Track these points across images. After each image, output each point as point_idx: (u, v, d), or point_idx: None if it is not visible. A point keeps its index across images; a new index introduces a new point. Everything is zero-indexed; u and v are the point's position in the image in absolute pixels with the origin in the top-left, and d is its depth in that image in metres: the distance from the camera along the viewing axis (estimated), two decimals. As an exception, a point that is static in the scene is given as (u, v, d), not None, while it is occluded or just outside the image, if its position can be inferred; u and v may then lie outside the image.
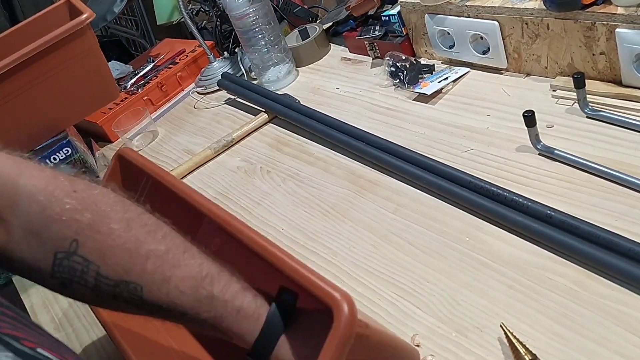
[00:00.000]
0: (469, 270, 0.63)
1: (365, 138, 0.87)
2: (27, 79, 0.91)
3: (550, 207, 0.62)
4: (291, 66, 1.18)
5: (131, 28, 2.17)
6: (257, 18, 1.11)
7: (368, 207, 0.78)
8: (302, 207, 0.84)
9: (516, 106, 0.82)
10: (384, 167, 0.82)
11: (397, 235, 0.72)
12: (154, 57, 1.46)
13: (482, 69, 0.94)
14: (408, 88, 0.96)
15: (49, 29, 0.92)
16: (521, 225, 0.63)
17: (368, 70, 1.10)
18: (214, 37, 1.39)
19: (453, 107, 0.89)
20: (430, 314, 0.60)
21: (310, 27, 1.25)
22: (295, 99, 1.06)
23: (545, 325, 0.55)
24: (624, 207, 0.62)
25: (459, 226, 0.69)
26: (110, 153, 1.24)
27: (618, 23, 0.70)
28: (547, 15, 0.78)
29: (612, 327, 0.52)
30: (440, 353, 0.56)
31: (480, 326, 0.57)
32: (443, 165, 0.75)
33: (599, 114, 0.74)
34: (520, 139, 0.76)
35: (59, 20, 1.02)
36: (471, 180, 0.70)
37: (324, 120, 0.95)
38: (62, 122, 1.00)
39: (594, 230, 0.58)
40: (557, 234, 0.60)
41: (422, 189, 0.76)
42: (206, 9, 1.43)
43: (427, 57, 1.04)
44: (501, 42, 0.87)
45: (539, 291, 0.58)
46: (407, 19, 1.01)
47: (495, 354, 0.54)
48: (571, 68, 0.80)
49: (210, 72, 1.30)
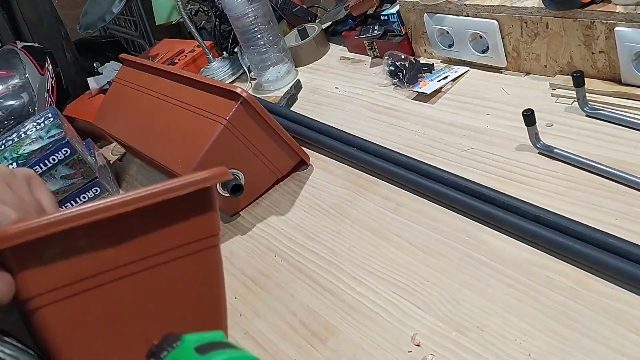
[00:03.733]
0: (469, 270, 0.63)
1: (357, 144, 0.86)
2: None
3: (541, 208, 0.63)
4: (290, 66, 1.18)
5: (130, 28, 2.17)
6: (256, 18, 1.11)
7: (368, 206, 0.78)
8: (302, 207, 0.84)
9: (515, 105, 0.82)
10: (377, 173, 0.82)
11: (396, 234, 0.72)
12: (153, 57, 1.46)
13: (481, 67, 0.94)
14: (407, 87, 0.96)
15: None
16: (515, 226, 0.63)
17: (367, 70, 1.10)
18: (213, 37, 1.39)
19: (452, 106, 0.89)
20: (430, 313, 0.60)
21: (309, 27, 1.25)
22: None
23: (545, 324, 0.54)
24: (624, 206, 0.62)
25: (458, 225, 0.69)
26: (109, 153, 1.24)
27: (617, 21, 0.70)
28: (546, 14, 0.78)
29: (612, 325, 0.52)
30: (441, 352, 0.56)
31: (481, 325, 0.57)
32: (437, 169, 0.74)
33: (598, 112, 0.74)
34: (519, 137, 0.76)
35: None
36: (466, 184, 0.70)
37: (314, 126, 0.95)
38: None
39: (586, 230, 0.58)
40: (551, 235, 0.60)
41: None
42: (205, 9, 1.43)
43: (426, 56, 1.04)
44: (500, 41, 0.87)
45: (539, 290, 0.58)
46: (406, 18, 1.01)
47: (495, 353, 0.54)
48: (570, 67, 0.80)
49: (210, 72, 1.30)
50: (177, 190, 0.36)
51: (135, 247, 0.36)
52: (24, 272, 0.32)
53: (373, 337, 0.61)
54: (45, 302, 0.33)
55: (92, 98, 1.36)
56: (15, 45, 1.40)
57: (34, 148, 0.99)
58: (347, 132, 0.90)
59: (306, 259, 0.74)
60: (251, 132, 0.83)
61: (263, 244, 0.80)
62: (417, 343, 0.58)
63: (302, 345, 0.63)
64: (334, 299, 0.67)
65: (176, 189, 0.36)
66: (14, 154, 0.99)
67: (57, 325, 0.34)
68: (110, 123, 1.08)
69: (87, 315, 0.35)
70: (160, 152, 0.90)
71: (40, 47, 1.46)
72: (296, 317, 0.67)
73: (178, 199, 0.36)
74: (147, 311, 0.37)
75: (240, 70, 1.29)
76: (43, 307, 0.33)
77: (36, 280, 0.33)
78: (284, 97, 1.10)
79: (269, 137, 0.85)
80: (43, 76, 1.36)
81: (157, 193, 0.35)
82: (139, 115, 1.00)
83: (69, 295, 0.34)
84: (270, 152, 0.86)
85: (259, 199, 0.89)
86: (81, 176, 0.98)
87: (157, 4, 1.51)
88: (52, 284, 0.33)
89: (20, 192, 0.38)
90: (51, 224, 0.32)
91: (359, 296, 0.66)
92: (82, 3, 1.49)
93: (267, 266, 0.76)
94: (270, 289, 0.72)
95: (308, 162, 0.91)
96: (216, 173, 0.38)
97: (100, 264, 0.35)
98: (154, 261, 0.37)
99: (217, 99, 0.84)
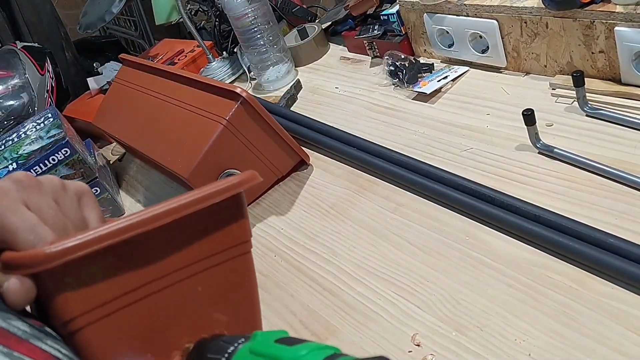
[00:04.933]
0: (469, 269, 0.63)
1: (357, 144, 0.86)
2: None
3: (541, 208, 0.63)
4: (290, 66, 1.18)
5: (130, 28, 2.17)
6: (256, 18, 1.11)
7: (368, 206, 0.78)
8: (302, 207, 0.84)
9: (515, 105, 0.82)
10: (378, 173, 0.82)
11: (396, 234, 0.71)
12: (152, 57, 1.46)
13: (481, 67, 0.94)
14: (407, 87, 0.96)
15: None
16: (515, 226, 0.63)
17: (367, 70, 1.10)
18: (213, 37, 1.39)
19: (452, 106, 0.89)
20: (430, 313, 0.60)
21: (309, 27, 1.25)
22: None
23: (545, 324, 0.54)
24: (624, 205, 0.62)
25: (458, 225, 0.69)
26: (109, 153, 1.24)
27: (617, 21, 0.70)
28: (546, 14, 0.78)
29: (612, 325, 0.52)
30: (441, 352, 0.56)
31: (481, 325, 0.57)
32: (437, 169, 0.74)
33: (598, 112, 0.74)
34: (519, 137, 0.76)
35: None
36: (466, 184, 0.70)
37: (314, 126, 0.95)
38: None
39: (586, 230, 0.58)
40: (551, 235, 0.60)
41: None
42: (205, 9, 1.43)
43: (426, 56, 1.04)
44: (500, 41, 0.87)
45: (538, 290, 0.58)
46: (406, 18, 1.01)
47: (495, 353, 0.54)
48: (570, 66, 0.80)
49: (209, 72, 1.30)
50: (212, 197, 0.36)
51: (172, 259, 0.36)
52: (63, 293, 0.31)
53: (373, 337, 0.61)
54: (86, 322, 0.32)
55: (92, 98, 1.37)
56: (15, 46, 1.40)
57: (33, 148, 0.99)
58: (347, 132, 0.90)
59: (306, 259, 0.74)
60: (251, 132, 0.83)
61: (263, 243, 0.80)
62: (417, 343, 0.58)
63: (302, 345, 0.63)
64: (334, 299, 0.67)
65: (211, 196, 0.36)
66: (14, 154, 0.99)
67: (100, 343, 0.33)
68: (110, 123, 1.08)
69: (127, 330, 0.34)
70: (160, 152, 0.90)
71: (40, 47, 1.46)
72: (296, 317, 0.67)
73: (212, 207, 0.36)
74: (184, 320, 0.37)
75: (240, 70, 1.29)
76: (84, 328, 0.32)
77: (76, 301, 0.32)
78: (284, 97, 1.10)
79: (269, 137, 0.85)
80: (43, 76, 1.36)
81: (192, 202, 0.35)
82: (139, 115, 1.00)
83: (109, 312, 0.33)
84: (270, 152, 0.86)
85: (259, 199, 0.89)
86: (81, 176, 0.98)
87: (157, 4, 1.51)
88: (92, 303, 0.32)
89: (67, 209, 0.37)
90: (84, 244, 0.31)
91: (359, 296, 0.66)
92: (82, 3, 1.49)
93: (267, 266, 0.76)
94: (270, 289, 0.72)
95: (308, 162, 0.91)
96: (248, 177, 0.37)
97: (139, 278, 0.34)
98: (190, 271, 0.36)
99: (217, 99, 0.84)
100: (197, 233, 0.36)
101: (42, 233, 0.33)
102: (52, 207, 0.36)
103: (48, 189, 0.36)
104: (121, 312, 0.34)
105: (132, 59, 1.10)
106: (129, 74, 1.09)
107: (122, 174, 1.16)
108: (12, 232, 0.32)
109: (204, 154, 0.80)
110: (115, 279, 0.33)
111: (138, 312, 0.35)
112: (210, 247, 0.37)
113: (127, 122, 1.03)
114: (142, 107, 1.00)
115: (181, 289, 0.36)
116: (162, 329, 0.36)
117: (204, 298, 0.38)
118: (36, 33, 1.58)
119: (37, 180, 0.36)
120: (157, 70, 1.01)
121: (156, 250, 0.35)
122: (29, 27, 1.58)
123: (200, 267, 0.37)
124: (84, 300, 0.32)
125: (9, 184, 0.35)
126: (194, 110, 0.86)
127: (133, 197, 1.07)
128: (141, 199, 1.05)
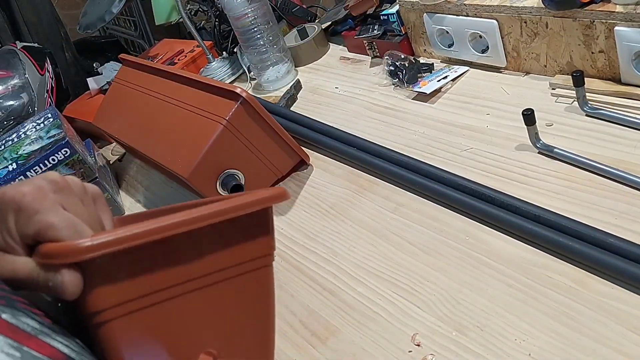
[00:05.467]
0: (469, 269, 0.63)
1: (357, 144, 0.86)
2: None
3: (541, 208, 0.63)
4: (290, 66, 1.18)
5: (130, 28, 2.17)
6: (256, 18, 1.11)
7: (368, 206, 0.78)
8: (302, 207, 0.84)
9: (515, 105, 0.82)
10: (378, 173, 0.82)
11: (396, 234, 0.71)
12: (152, 57, 1.46)
13: (481, 67, 0.94)
14: (407, 87, 0.96)
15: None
16: (515, 226, 0.63)
17: (367, 70, 1.10)
18: (213, 37, 1.39)
19: (452, 106, 0.89)
20: (430, 313, 0.60)
21: (309, 27, 1.25)
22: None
23: (545, 324, 0.54)
24: (624, 205, 0.62)
25: (458, 225, 0.69)
26: (109, 153, 1.24)
27: (617, 21, 0.70)
28: (546, 14, 0.78)
29: (612, 325, 0.52)
30: (441, 352, 0.56)
31: (481, 325, 0.57)
32: (437, 169, 0.74)
33: (598, 112, 0.74)
34: (519, 137, 0.76)
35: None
36: (466, 184, 0.70)
37: (314, 126, 0.95)
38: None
39: (586, 230, 0.58)
40: (551, 235, 0.60)
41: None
42: (205, 9, 1.43)
43: (426, 56, 1.04)
44: (500, 41, 0.87)
45: (538, 290, 0.58)
46: (406, 18, 1.01)
47: (495, 353, 0.54)
48: (570, 66, 0.80)
49: (209, 72, 1.30)
50: (245, 208, 0.37)
51: (200, 264, 0.37)
52: (96, 285, 0.33)
53: (373, 337, 0.61)
54: (114, 315, 0.34)
55: (91, 98, 1.37)
56: (15, 46, 1.40)
57: (33, 148, 0.98)
58: (347, 132, 0.90)
59: (306, 259, 0.74)
60: (251, 132, 0.83)
61: (263, 244, 0.80)
62: (417, 343, 0.58)
63: (302, 345, 0.63)
64: (334, 299, 0.67)
65: (244, 206, 0.37)
66: (14, 154, 0.99)
67: (124, 338, 0.34)
68: (110, 123, 1.08)
69: (151, 329, 0.35)
70: (160, 152, 0.90)
71: (39, 47, 1.45)
72: (296, 317, 0.67)
73: (242, 217, 0.37)
74: (204, 325, 0.38)
75: (240, 70, 1.29)
76: (111, 321, 0.34)
77: (106, 294, 0.33)
78: (283, 97, 1.10)
79: (268, 137, 0.85)
80: (43, 76, 1.36)
81: (229, 209, 0.36)
82: (139, 115, 1.00)
83: (136, 309, 0.34)
84: (270, 152, 0.86)
85: (258, 199, 0.89)
86: (81, 176, 0.98)
87: (157, 4, 1.51)
88: (122, 297, 0.34)
89: (91, 210, 0.39)
90: (126, 238, 0.32)
91: (358, 296, 0.66)
92: (81, 3, 1.49)
93: (267, 266, 0.76)
94: (270, 289, 0.72)
95: (308, 162, 0.91)
96: (278, 193, 0.39)
97: (168, 279, 0.36)
98: (216, 277, 0.38)
99: (217, 99, 0.84)
100: (226, 240, 0.38)
101: (82, 230, 0.35)
102: (81, 207, 0.38)
103: (76, 190, 0.38)
104: (147, 310, 0.35)
105: (132, 59, 1.10)
106: (129, 74, 1.09)
107: (122, 174, 1.16)
108: (57, 230, 0.34)
109: (204, 154, 0.80)
110: (145, 276, 0.35)
111: (163, 313, 0.36)
112: (236, 256, 0.38)
113: (127, 122, 1.03)
114: (142, 107, 1.00)
115: (206, 294, 0.37)
116: (184, 332, 0.37)
117: (225, 306, 0.39)
118: (36, 33, 1.58)
119: (67, 181, 0.38)
120: (157, 70, 1.01)
121: (187, 253, 0.36)
122: (29, 27, 1.58)
123: (225, 275, 0.38)
124: (114, 294, 0.34)
125: (46, 184, 0.36)
126: (194, 110, 0.86)
127: (133, 197, 1.07)
128: (141, 199, 1.05)
